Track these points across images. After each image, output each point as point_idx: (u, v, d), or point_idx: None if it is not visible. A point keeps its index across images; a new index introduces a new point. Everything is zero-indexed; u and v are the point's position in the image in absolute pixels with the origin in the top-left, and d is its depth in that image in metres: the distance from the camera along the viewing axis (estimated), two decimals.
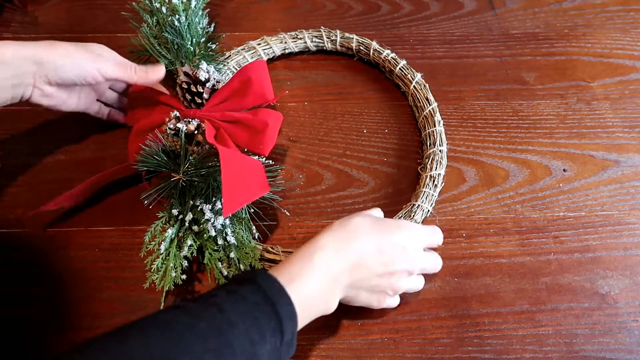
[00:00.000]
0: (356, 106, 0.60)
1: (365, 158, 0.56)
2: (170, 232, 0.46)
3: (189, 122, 0.49)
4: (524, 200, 0.53)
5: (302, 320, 0.36)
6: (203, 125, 0.50)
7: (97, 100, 0.54)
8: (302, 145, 0.57)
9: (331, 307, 0.39)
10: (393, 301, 0.43)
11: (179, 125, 0.48)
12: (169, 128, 0.48)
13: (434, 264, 0.45)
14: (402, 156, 0.56)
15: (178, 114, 0.50)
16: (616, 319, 0.46)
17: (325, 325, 0.46)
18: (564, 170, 0.56)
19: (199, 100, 0.52)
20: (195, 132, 0.49)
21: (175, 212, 0.46)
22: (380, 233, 0.40)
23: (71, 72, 0.45)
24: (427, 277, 0.49)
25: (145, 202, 0.47)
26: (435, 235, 0.46)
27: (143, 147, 0.47)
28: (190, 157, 0.48)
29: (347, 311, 0.47)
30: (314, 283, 0.36)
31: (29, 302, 0.46)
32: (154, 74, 0.51)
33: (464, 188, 0.54)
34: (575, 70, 0.64)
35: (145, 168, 0.47)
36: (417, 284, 0.44)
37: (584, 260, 0.50)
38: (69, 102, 0.49)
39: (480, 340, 0.45)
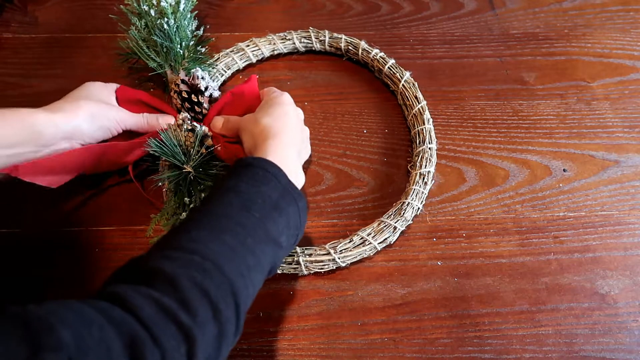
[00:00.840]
0: (356, 106, 0.60)
1: (365, 158, 0.56)
2: (184, 215, 0.46)
3: (202, 126, 0.50)
4: (524, 200, 0.53)
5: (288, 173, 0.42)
6: (210, 134, 0.50)
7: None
8: None
9: (302, 178, 0.44)
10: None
11: (195, 124, 0.49)
12: (187, 123, 0.49)
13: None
14: (402, 156, 0.56)
15: (188, 115, 0.50)
16: (616, 319, 0.46)
17: (325, 325, 0.46)
18: (564, 170, 0.56)
19: (197, 109, 0.53)
20: (207, 136, 0.49)
21: (187, 200, 0.47)
22: (278, 117, 0.45)
23: (99, 131, 0.47)
24: (427, 277, 0.49)
25: (159, 183, 0.48)
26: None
27: (161, 133, 0.48)
28: (199, 156, 0.48)
29: (347, 311, 0.47)
30: (276, 159, 0.41)
31: (29, 302, 0.46)
32: (164, 120, 0.52)
33: (464, 188, 0.54)
34: (575, 70, 0.64)
35: (157, 154, 0.47)
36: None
37: (584, 260, 0.50)
38: None
39: (480, 340, 0.45)
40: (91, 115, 0.46)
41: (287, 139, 0.43)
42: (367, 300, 0.47)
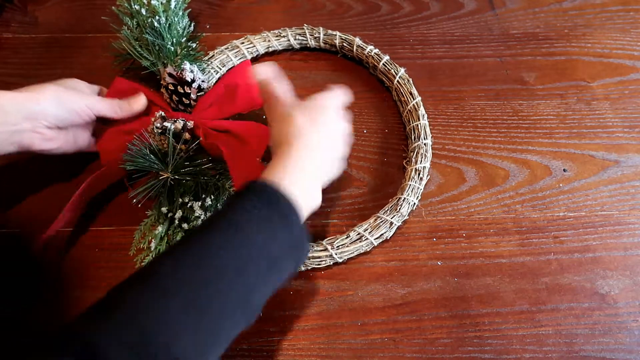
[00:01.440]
0: (356, 106, 0.60)
1: (365, 158, 0.56)
2: (160, 229, 0.46)
3: (175, 121, 0.49)
4: (524, 200, 0.53)
5: (304, 209, 0.38)
6: (189, 123, 0.50)
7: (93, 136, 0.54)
8: None
9: (318, 200, 0.41)
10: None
11: (166, 124, 0.48)
12: (156, 127, 0.48)
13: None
14: (402, 156, 0.56)
15: (163, 114, 0.50)
16: (616, 319, 0.46)
17: (325, 325, 0.46)
18: (564, 170, 0.56)
19: (186, 101, 0.52)
20: (182, 130, 0.49)
21: (164, 210, 0.46)
22: (319, 126, 0.41)
23: (66, 113, 0.46)
24: (427, 277, 0.49)
25: (134, 200, 0.47)
26: (342, 96, 0.45)
27: (130, 146, 0.47)
28: (177, 156, 0.48)
29: (347, 311, 0.47)
30: (298, 180, 0.38)
31: (29, 302, 0.46)
32: (136, 104, 0.51)
33: (464, 188, 0.54)
34: (575, 70, 0.64)
35: (132, 167, 0.47)
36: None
37: (584, 260, 0.50)
38: (74, 142, 0.49)
39: (480, 340, 0.45)
40: (57, 98, 0.45)
41: (318, 154, 0.40)
42: (367, 300, 0.47)
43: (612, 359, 0.45)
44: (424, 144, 0.54)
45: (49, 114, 0.45)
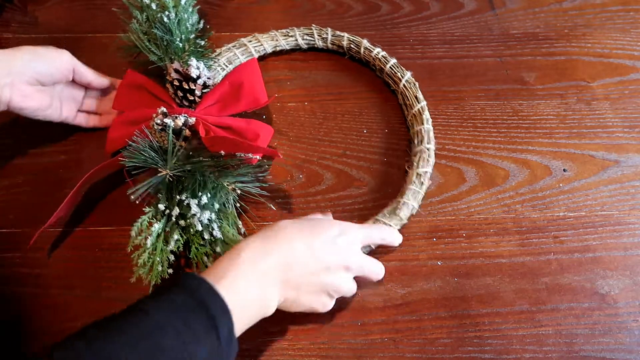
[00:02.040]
0: (356, 106, 0.60)
1: (365, 158, 0.56)
2: (157, 226, 0.46)
3: (176, 117, 0.49)
4: (524, 200, 0.53)
5: (240, 320, 0.35)
6: (190, 120, 0.50)
7: (80, 111, 0.55)
8: (302, 145, 0.57)
9: (270, 306, 0.38)
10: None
11: (166, 120, 0.48)
12: (156, 124, 0.48)
13: (373, 265, 0.43)
14: (402, 156, 0.56)
15: (165, 110, 0.50)
16: (616, 319, 0.47)
17: (326, 325, 0.46)
18: (564, 170, 0.56)
19: (190, 97, 0.52)
20: (183, 127, 0.49)
21: (161, 207, 0.46)
22: (311, 232, 0.40)
23: (43, 66, 0.47)
24: (427, 277, 0.49)
25: (132, 197, 0.47)
26: (378, 233, 0.45)
27: (130, 142, 0.47)
28: (177, 153, 0.48)
29: (347, 311, 0.47)
30: (242, 279, 0.36)
31: (29, 301, 0.46)
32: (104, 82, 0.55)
33: (464, 188, 0.54)
34: (575, 70, 0.64)
35: (132, 164, 0.47)
36: (352, 286, 0.42)
37: (584, 260, 0.50)
38: (52, 108, 0.50)
39: (480, 340, 0.45)
40: (35, 52, 0.47)
41: (294, 266, 0.38)
42: (367, 300, 0.47)
43: (612, 359, 0.45)
44: (427, 149, 0.54)
45: (27, 67, 0.46)
